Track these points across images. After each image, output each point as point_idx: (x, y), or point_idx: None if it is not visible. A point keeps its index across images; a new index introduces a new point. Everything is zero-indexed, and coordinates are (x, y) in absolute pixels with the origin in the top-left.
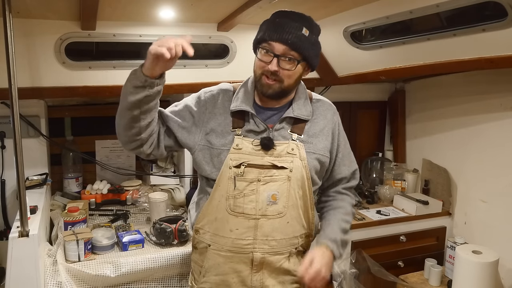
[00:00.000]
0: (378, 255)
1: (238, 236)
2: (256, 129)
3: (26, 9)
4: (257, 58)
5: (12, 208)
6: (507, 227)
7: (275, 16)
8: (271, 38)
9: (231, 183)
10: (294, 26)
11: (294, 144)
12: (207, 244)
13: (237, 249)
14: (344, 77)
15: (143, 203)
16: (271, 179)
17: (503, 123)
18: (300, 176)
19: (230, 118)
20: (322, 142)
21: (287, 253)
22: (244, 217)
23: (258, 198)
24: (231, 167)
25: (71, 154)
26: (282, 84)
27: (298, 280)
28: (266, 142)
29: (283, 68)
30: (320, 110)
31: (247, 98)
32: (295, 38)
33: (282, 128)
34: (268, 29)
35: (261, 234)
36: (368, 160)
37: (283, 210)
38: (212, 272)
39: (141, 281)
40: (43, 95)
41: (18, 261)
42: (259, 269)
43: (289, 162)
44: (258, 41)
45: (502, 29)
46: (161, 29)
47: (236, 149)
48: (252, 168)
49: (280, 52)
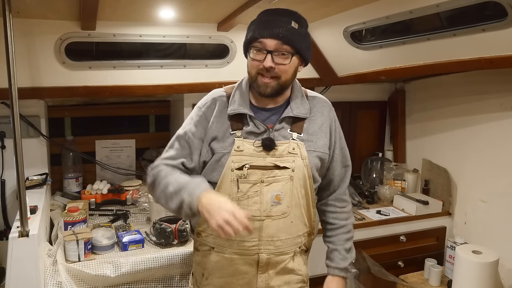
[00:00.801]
0: (378, 255)
1: (243, 238)
2: (256, 130)
3: (26, 9)
4: (250, 58)
5: (12, 208)
6: (507, 227)
7: (261, 15)
8: (261, 36)
9: (234, 186)
10: (283, 21)
11: (295, 143)
12: (211, 247)
13: (242, 251)
14: (344, 77)
15: (143, 203)
16: (274, 180)
17: (503, 123)
18: (302, 175)
19: (228, 122)
20: (321, 139)
21: (291, 252)
22: (248, 219)
23: (262, 200)
24: (233, 169)
25: (71, 154)
26: (280, 80)
27: (302, 279)
28: (267, 143)
29: (278, 63)
30: (317, 107)
31: (244, 100)
32: (286, 32)
33: (282, 128)
34: (257, 27)
35: (266, 235)
36: (368, 160)
37: (287, 210)
38: (216, 275)
39: (141, 281)
40: (43, 95)
41: (18, 261)
42: (265, 270)
43: (291, 161)
44: (248, 41)
45: (502, 29)
46: (161, 29)
47: (237, 151)
48: (254, 169)
49: (273, 48)
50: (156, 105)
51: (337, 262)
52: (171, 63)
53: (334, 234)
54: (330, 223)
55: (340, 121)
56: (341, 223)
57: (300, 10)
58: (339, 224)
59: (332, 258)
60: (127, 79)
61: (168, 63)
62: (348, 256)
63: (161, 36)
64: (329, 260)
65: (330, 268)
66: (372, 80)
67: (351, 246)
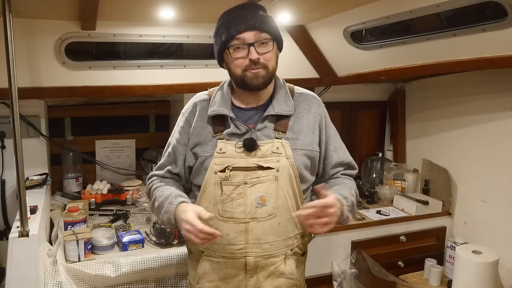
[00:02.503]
0: (378, 255)
1: (229, 241)
2: (238, 131)
3: (26, 9)
4: (232, 58)
5: (12, 208)
6: (507, 227)
7: (226, 15)
8: (238, 31)
9: (218, 188)
10: (251, 12)
11: (279, 142)
12: (201, 251)
13: (229, 254)
14: (344, 77)
15: (143, 203)
16: (258, 181)
17: (503, 123)
18: (287, 175)
19: (210, 126)
20: (309, 137)
21: (282, 255)
22: (233, 222)
23: (246, 201)
24: (216, 172)
25: (71, 154)
26: (268, 69)
27: (294, 283)
28: (248, 143)
29: (263, 52)
30: (304, 104)
31: (224, 101)
32: (260, 21)
33: (264, 127)
34: (229, 27)
35: (253, 237)
36: (368, 160)
37: (273, 211)
38: (205, 279)
39: (141, 281)
40: (43, 95)
41: (18, 261)
42: (253, 273)
43: (275, 161)
44: (224, 43)
45: (502, 29)
46: (161, 29)
47: (219, 153)
48: (237, 171)
49: (253, 40)
50: (156, 105)
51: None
52: (171, 63)
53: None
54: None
55: (340, 121)
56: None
57: (301, 10)
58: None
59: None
60: (127, 79)
61: (168, 63)
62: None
63: (161, 36)
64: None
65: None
66: (372, 80)
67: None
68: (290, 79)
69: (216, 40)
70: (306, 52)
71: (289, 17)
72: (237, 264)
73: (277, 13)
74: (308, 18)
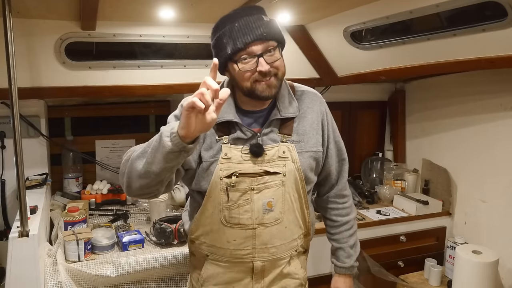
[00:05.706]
0: (378, 255)
1: (236, 246)
2: (243, 136)
3: (26, 9)
4: (240, 71)
5: (12, 208)
6: (507, 227)
7: (228, 21)
8: (245, 43)
9: (224, 195)
10: (257, 20)
11: (284, 146)
12: (205, 254)
13: (236, 259)
14: (344, 77)
15: (143, 203)
16: (265, 186)
17: (503, 123)
18: (293, 179)
19: (213, 130)
20: (313, 138)
21: (287, 257)
22: (240, 228)
23: (254, 208)
24: (221, 178)
25: (71, 154)
26: (278, 76)
27: (300, 282)
28: (255, 150)
29: (272, 62)
30: (306, 103)
31: (228, 104)
32: (266, 29)
33: (270, 131)
34: (234, 38)
35: (260, 242)
36: (368, 160)
37: (280, 216)
38: (210, 282)
39: (141, 281)
40: (43, 95)
41: (18, 261)
42: (260, 277)
43: (281, 166)
44: (230, 56)
45: (502, 29)
46: (161, 29)
47: (225, 159)
48: (244, 177)
49: (261, 50)
50: (156, 105)
51: (342, 261)
52: (171, 63)
53: (338, 232)
54: (332, 220)
55: (340, 121)
56: (343, 220)
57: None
58: (342, 221)
59: (337, 256)
60: (127, 79)
61: (168, 63)
62: (353, 253)
63: (161, 36)
64: (335, 259)
65: (336, 267)
66: (372, 80)
67: (355, 241)
68: (290, 79)
69: (219, 51)
70: (306, 52)
71: (289, 17)
72: (244, 268)
73: (277, 13)
74: (308, 18)
